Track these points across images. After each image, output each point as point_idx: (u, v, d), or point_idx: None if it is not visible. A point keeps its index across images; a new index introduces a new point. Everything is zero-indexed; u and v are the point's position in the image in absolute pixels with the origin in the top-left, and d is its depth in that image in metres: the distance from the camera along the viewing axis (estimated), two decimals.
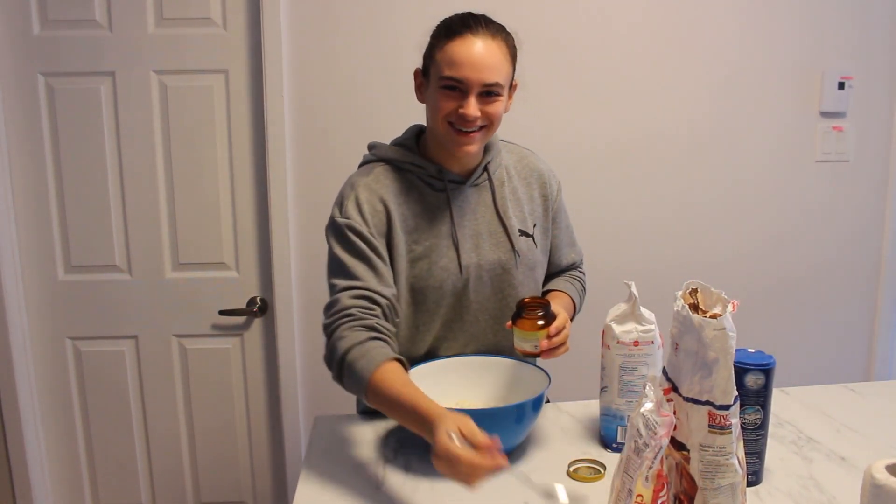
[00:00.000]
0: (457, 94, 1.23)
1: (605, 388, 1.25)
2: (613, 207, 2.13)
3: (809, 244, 2.23)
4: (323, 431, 1.35)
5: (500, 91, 1.25)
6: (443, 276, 1.31)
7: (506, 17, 1.29)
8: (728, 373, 0.93)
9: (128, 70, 1.98)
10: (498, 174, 1.39)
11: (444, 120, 1.25)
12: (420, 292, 1.32)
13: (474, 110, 1.22)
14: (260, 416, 2.19)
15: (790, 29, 2.10)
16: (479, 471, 0.96)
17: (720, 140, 2.14)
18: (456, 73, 1.21)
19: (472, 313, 1.37)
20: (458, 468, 0.97)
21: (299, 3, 1.96)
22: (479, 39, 1.22)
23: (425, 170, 1.33)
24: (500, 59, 1.23)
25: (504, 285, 1.37)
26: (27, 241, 2.04)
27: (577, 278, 1.53)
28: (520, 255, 1.36)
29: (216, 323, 2.12)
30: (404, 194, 1.32)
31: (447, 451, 0.97)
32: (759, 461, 1.12)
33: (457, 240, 1.32)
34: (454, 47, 1.22)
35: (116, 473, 2.19)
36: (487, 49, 1.22)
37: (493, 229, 1.36)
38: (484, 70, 1.21)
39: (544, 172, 1.45)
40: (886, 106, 2.18)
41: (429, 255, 1.31)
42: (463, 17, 1.26)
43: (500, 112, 1.27)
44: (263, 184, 2.05)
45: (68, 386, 2.13)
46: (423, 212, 1.32)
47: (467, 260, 1.33)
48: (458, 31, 1.23)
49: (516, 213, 1.39)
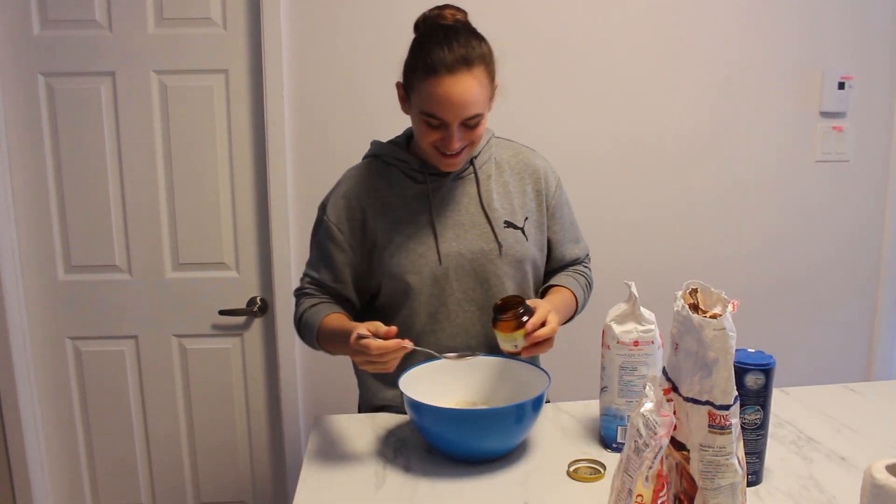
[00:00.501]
0: (438, 127, 1.27)
1: (605, 388, 1.25)
2: (613, 207, 2.13)
3: (809, 244, 2.23)
4: (323, 431, 1.35)
5: (481, 118, 1.28)
6: (421, 264, 1.35)
7: (507, 17, 1.29)
8: (728, 373, 0.93)
9: (128, 70, 1.98)
10: (485, 168, 1.41)
11: (430, 145, 1.30)
12: (400, 279, 1.36)
13: (458, 143, 1.28)
14: (260, 416, 2.19)
15: (790, 29, 2.10)
16: (386, 353, 1.15)
17: (720, 140, 2.14)
18: (436, 111, 1.25)
19: (457, 303, 1.38)
20: (369, 355, 1.15)
21: (299, 3, 1.96)
22: (457, 81, 1.22)
23: (408, 164, 1.39)
24: (478, 90, 1.25)
25: (488, 275, 1.38)
26: (27, 241, 2.04)
27: (581, 273, 1.52)
28: (503, 245, 1.38)
29: (216, 323, 2.12)
30: (386, 187, 1.39)
31: (358, 344, 1.15)
32: (759, 461, 1.12)
33: (436, 229, 1.36)
34: (432, 87, 1.23)
35: (116, 473, 2.19)
36: (466, 88, 1.23)
37: (478, 220, 1.38)
38: (463, 108, 1.24)
39: (539, 168, 1.46)
40: (886, 106, 2.18)
41: (407, 244, 1.36)
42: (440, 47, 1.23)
43: (481, 131, 1.31)
44: (263, 184, 2.05)
45: (68, 386, 2.13)
46: (404, 204, 1.38)
47: (447, 249, 1.36)
48: (436, 71, 1.23)
49: (504, 206, 1.40)
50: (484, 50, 1.27)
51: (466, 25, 1.32)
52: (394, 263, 1.36)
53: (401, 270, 1.35)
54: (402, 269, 1.35)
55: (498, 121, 1.47)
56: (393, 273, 1.36)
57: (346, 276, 1.41)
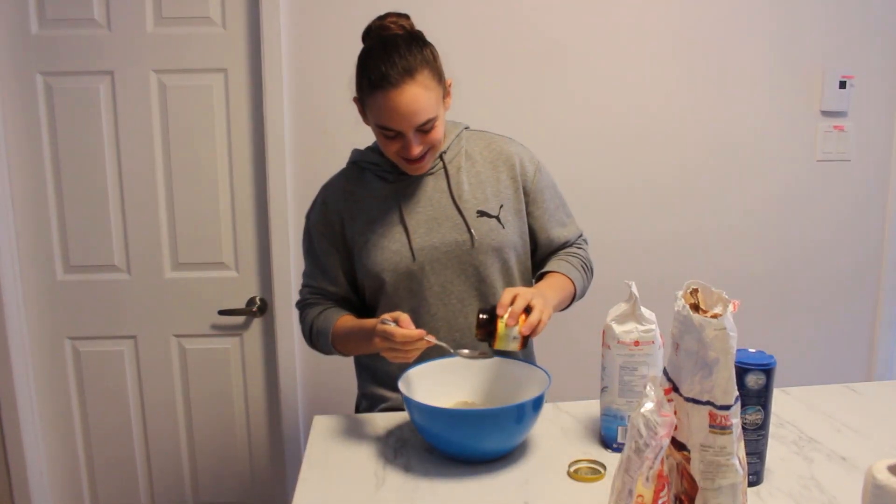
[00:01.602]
0: (395, 137, 1.31)
1: (605, 388, 1.25)
2: (612, 207, 2.13)
3: (810, 244, 2.22)
4: (323, 431, 1.35)
5: (435, 121, 1.31)
6: (396, 260, 1.38)
7: (506, 18, 1.29)
8: (729, 373, 0.93)
9: (127, 69, 1.98)
10: (455, 161, 1.44)
11: (394, 154, 1.35)
12: (377, 277, 1.40)
13: (416, 150, 1.31)
14: (260, 416, 2.18)
15: (791, 28, 2.10)
16: (409, 342, 1.20)
17: (720, 140, 2.14)
18: (388, 123, 1.28)
19: (436, 296, 1.40)
20: (392, 342, 1.20)
21: (299, 3, 1.95)
22: (402, 92, 1.25)
23: (380, 166, 1.43)
24: (426, 96, 1.27)
25: (465, 266, 1.40)
26: (26, 241, 2.04)
27: (574, 254, 1.50)
28: (475, 236, 1.39)
29: (215, 323, 2.12)
30: (360, 190, 1.44)
31: (383, 330, 1.21)
32: (759, 461, 1.11)
33: (407, 226, 1.39)
34: (381, 101, 1.27)
35: (115, 473, 2.18)
36: (412, 97, 1.26)
37: (450, 213, 1.40)
38: (414, 116, 1.27)
39: (513, 154, 1.46)
40: (887, 105, 2.18)
41: (380, 242, 1.40)
42: (381, 62, 1.26)
43: (440, 134, 1.33)
44: (263, 183, 2.04)
45: (67, 386, 2.13)
46: (378, 204, 1.42)
47: (420, 244, 1.39)
48: (379, 86, 1.26)
49: (476, 195, 1.41)
50: (426, 55, 1.29)
51: (409, 33, 1.32)
52: (370, 262, 1.40)
53: (376, 269, 1.39)
54: (377, 268, 1.39)
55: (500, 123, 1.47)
56: (369, 272, 1.40)
57: (340, 278, 1.46)
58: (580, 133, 2.08)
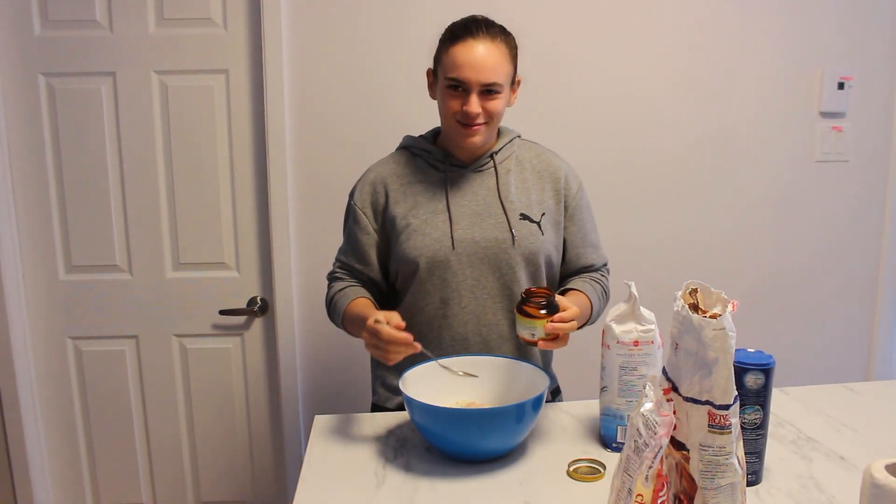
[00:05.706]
0: (460, 93, 1.36)
1: (605, 387, 1.25)
2: (612, 208, 2.13)
3: (809, 244, 2.23)
4: (323, 431, 1.35)
5: (500, 89, 1.37)
6: (435, 247, 1.41)
7: (506, 17, 1.30)
8: (728, 372, 0.93)
9: (128, 70, 1.98)
10: (505, 164, 1.48)
11: (452, 117, 1.39)
12: (412, 262, 1.42)
13: (476, 107, 1.35)
14: (260, 416, 2.19)
15: (790, 29, 2.11)
16: (393, 344, 1.22)
17: (720, 140, 2.14)
18: (458, 74, 1.35)
19: (469, 289, 1.42)
20: (379, 341, 1.22)
21: (299, 3, 1.96)
22: (479, 43, 1.34)
23: (432, 154, 1.48)
24: (500, 60, 1.35)
25: (501, 265, 1.42)
26: (28, 241, 2.05)
27: (598, 281, 1.53)
28: (516, 236, 1.42)
29: (216, 323, 2.12)
30: (410, 175, 1.48)
31: (372, 328, 1.23)
32: (758, 461, 1.12)
33: (451, 215, 1.42)
34: (456, 51, 1.35)
35: (117, 473, 2.19)
36: (487, 52, 1.34)
37: (494, 210, 1.44)
38: (483, 71, 1.34)
39: (559, 169, 1.51)
40: (886, 106, 2.18)
41: (423, 228, 1.42)
42: (466, 22, 1.38)
43: (500, 108, 1.39)
44: (264, 183, 2.05)
45: (69, 386, 2.13)
46: (424, 190, 1.45)
47: (461, 235, 1.42)
48: (459, 36, 1.35)
49: (521, 199, 1.45)
50: (510, 38, 1.40)
51: None
52: (409, 246, 1.42)
53: (414, 253, 1.41)
54: (415, 252, 1.41)
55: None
56: (406, 255, 1.42)
57: (371, 259, 1.49)
58: (579, 133, 2.09)
